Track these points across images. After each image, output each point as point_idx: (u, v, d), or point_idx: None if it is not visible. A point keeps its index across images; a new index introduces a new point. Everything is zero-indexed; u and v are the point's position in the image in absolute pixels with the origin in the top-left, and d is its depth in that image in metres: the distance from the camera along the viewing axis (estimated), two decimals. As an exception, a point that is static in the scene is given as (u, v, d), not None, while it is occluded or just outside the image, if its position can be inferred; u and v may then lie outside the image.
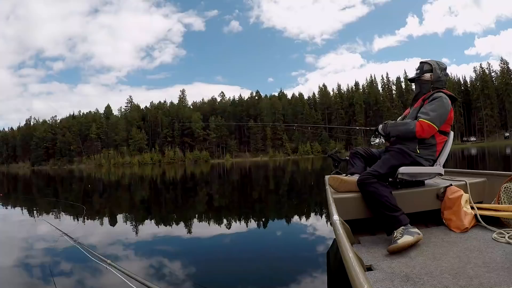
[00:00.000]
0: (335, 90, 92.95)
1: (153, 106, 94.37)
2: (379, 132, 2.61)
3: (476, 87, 77.05)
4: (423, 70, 2.54)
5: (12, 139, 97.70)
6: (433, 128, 2.32)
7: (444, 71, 2.53)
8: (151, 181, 15.68)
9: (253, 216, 5.22)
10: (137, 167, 54.62)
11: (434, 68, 2.50)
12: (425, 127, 2.30)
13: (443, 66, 2.54)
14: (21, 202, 8.45)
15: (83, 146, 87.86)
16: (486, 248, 1.80)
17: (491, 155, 20.94)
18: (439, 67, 2.51)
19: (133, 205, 7.36)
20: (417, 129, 2.31)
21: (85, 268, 2.77)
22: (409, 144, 2.39)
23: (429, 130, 2.31)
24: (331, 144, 79.46)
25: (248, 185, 11.48)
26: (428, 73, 2.51)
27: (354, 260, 1.04)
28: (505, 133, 71.18)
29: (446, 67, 2.56)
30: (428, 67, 2.53)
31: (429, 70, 2.52)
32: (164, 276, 2.61)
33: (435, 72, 2.49)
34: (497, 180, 2.55)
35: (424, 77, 2.52)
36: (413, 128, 2.33)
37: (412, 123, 2.36)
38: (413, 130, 2.33)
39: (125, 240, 3.87)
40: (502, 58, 75.15)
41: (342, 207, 2.19)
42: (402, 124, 2.43)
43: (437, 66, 2.51)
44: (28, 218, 5.78)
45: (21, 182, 19.70)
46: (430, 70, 2.51)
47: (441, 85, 2.52)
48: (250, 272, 2.68)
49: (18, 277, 2.69)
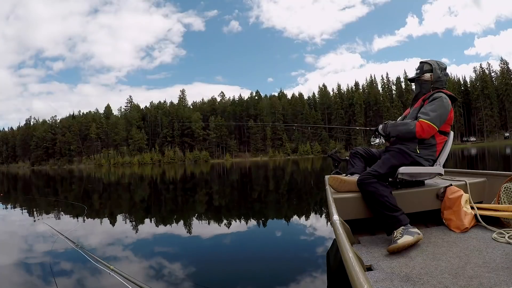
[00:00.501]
0: (335, 90, 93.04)
1: (153, 106, 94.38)
2: (379, 132, 2.61)
3: (476, 87, 77.07)
4: (423, 70, 2.54)
5: (12, 139, 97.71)
6: (433, 128, 2.32)
7: (444, 71, 2.53)
8: (151, 181, 15.68)
9: (253, 216, 5.22)
10: (137, 167, 54.61)
11: (434, 68, 2.50)
12: (425, 127, 2.30)
13: (443, 66, 2.54)
14: (21, 202, 8.44)
15: (83, 146, 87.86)
16: (486, 248, 1.80)
17: (491, 155, 20.93)
18: (439, 67, 2.51)
19: (133, 205, 7.36)
20: (417, 129, 2.31)
21: (87, 272, 2.76)
22: (409, 144, 2.39)
23: (429, 130, 2.31)
24: (331, 144, 79.51)
25: (248, 185, 11.48)
26: (428, 73, 2.51)
27: (354, 260, 1.05)
28: (505, 133, 71.25)
29: (446, 67, 2.56)
30: (428, 67, 2.53)
31: (429, 70, 2.52)
32: (164, 276, 2.61)
33: (435, 72, 2.49)
34: (497, 180, 2.55)
35: (424, 77, 2.52)
36: (413, 128, 2.33)
37: (412, 123, 2.36)
38: (413, 130, 2.33)
39: (125, 240, 3.87)
40: (502, 58, 75.31)
41: (342, 207, 2.19)
42: (402, 124, 2.42)
43: (437, 66, 2.51)
44: (28, 218, 5.78)
45: (21, 181, 19.69)
46: (430, 70, 2.52)
47: (441, 85, 2.52)
48: (250, 273, 2.68)
49: (17, 283, 2.68)
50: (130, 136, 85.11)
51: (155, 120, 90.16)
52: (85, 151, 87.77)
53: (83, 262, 2.84)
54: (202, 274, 2.68)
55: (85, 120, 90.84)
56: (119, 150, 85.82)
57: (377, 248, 2.01)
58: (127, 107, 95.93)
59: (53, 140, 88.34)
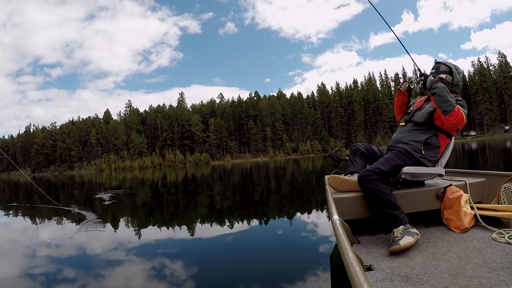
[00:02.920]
0: (333, 89, 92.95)
1: (152, 109, 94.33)
2: (425, 80, 2.43)
3: (474, 81, 76.91)
4: (439, 70, 2.53)
5: (12, 146, 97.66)
6: (462, 122, 2.27)
7: (461, 75, 2.54)
8: (152, 184, 15.68)
9: (255, 217, 5.23)
10: (138, 171, 54.57)
11: (454, 71, 2.50)
12: (459, 115, 2.24)
13: (459, 70, 2.55)
14: (27, 210, 8.46)
15: (83, 152, 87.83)
16: (486, 248, 1.81)
17: (492, 149, 20.89)
18: (457, 72, 2.51)
19: (135, 208, 7.37)
20: (455, 109, 2.24)
21: (86, 273, 2.79)
22: (415, 144, 2.38)
23: (460, 120, 2.25)
24: (331, 142, 79.44)
25: (249, 186, 11.48)
26: (444, 74, 2.50)
27: (354, 260, 1.05)
28: (505, 126, 71.08)
29: (462, 71, 2.57)
30: (445, 68, 2.52)
31: (446, 71, 2.51)
32: (166, 277, 2.64)
33: (455, 76, 2.49)
34: (497, 180, 2.55)
35: (442, 77, 2.50)
36: (454, 106, 2.25)
37: (455, 102, 2.29)
38: (453, 107, 2.24)
39: (127, 243, 3.89)
40: (500, 51, 75.13)
41: (342, 207, 2.19)
42: (449, 94, 2.31)
43: (455, 70, 2.51)
44: (31, 224, 5.80)
45: (22, 189, 19.71)
46: (447, 71, 2.51)
47: (458, 89, 2.52)
48: (254, 273, 2.69)
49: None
50: (130, 140, 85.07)
51: (154, 123, 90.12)
52: (86, 156, 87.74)
53: (83, 263, 2.83)
54: (204, 275, 2.70)
55: (84, 125, 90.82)
56: (120, 155, 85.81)
57: (377, 248, 2.02)
58: (126, 111, 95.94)
59: (53, 147, 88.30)
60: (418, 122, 2.47)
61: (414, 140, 2.41)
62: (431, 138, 2.41)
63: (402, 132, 2.54)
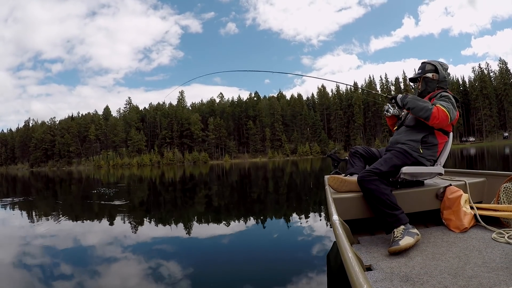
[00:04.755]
0: (333, 91, 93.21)
1: (152, 107, 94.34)
2: (396, 101, 2.55)
3: (475, 87, 77.26)
4: (425, 69, 2.55)
5: (11, 140, 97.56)
6: (447, 118, 2.27)
7: (447, 71, 2.56)
8: (150, 182, 15.65)
9: (253, 217, 5.21)
10: (136, 168, 54.52)
11: (439, 68, 2.51)
12: (441, 114, 2.25)
13: (445, 67, 2.56)
14: (28, 204, 8.42)
15: (82, 148, 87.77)
16: (486, 248, 1.80)
17: (490, 155, 20.96)
18: (442, 68, 2.53)
19: (133, 206, 7.34)
20: (434, 111, 2.25)
21: (84, 269, 2.76)
22: (412, 143, 2.38)
23: (444, 118, 2.26)
24: (330, 144, 79.60)
25: (247, 186, 11.47)
26: (430, 73, 2.52)
27: (354, 260, 1.05)
28: (504, 133, 71.39)
29: (448, 67, 2.58)
30: (430, 67, 2.54)
31: (432, 70, 2.53)
32: (163, 277, 2.60)
33: (440, 72, 2.51)
34: (497, 180, 2.55)
35: (428, 76, 2.53)
36: (431, 109, 2.27)
37: (430, 104, 2.30)
38: (430, 110, 2.26)
39: (124, 241, 3.86)
40: (501, 58, 75.50)
41: (342, 207, 2.18)
42: (422, 100, 2.36)
43: (440, 66, 2.53)
44: (28, 221, 5.77)
45: (20, 183, 19.64)
46: (433, 70, 2.53)
47: (446, 85, 2.54)
48: (251, 274, 2.67)
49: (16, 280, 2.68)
50: (129, 138, 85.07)
51: (154, 121, 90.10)
52: (84, 152, 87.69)
53: (80, 259, 2.79)
54: (201, 275, 2.67)
55: (84, 121, 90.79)
56: (118, 152, 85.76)
57: (377, 248, 2.01)
58: (126, 108, 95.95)
59: (52, 142, 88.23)
60: (410, 125, 2.50)
61: (411, 139, 2.41)
62: (428, 136, 2.40)
63: (399, 133, 2.57)
